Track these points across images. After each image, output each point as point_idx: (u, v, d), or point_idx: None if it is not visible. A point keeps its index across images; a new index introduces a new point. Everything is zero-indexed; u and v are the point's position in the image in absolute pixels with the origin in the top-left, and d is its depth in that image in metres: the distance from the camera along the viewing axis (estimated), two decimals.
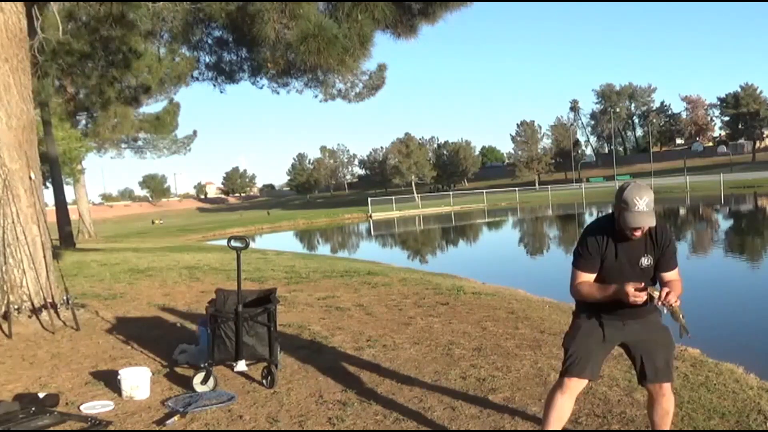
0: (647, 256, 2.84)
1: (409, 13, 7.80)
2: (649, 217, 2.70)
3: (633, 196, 2.70)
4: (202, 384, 4.31)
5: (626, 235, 2.78)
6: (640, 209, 2.68)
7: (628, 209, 2.70)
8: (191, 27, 9.03)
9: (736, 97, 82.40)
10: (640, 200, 2.68)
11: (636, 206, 2.68)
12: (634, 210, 2.69)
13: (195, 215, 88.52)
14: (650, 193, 2.74)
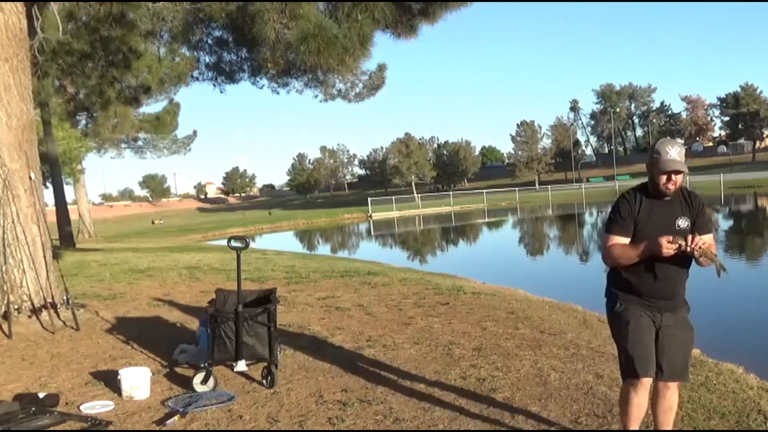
0: (683, 217, 2.87)
1: (409, 13, 7.80)
2: (680, 164, 2.79)
3: (665, 146, 2.83)
4: (202, 384, 4.31)
5: (661, 191, 2.84)
6: (671, 156, 2.79)
7: (660, 157, 2.81)
8: (191, 27, 9.04)
9: (736, 97, 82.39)
10: (672, 149, 2.81)
11: (668, 154, 2.80)
12: (665, 157, 2.79)
13: (195, 215, 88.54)
14: (681, 146, 2.87)
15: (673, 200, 2.89)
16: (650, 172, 2.89)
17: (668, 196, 2.87)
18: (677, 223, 2.85)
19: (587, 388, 4.16)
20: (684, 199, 2.92)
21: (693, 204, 2.92)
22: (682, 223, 2.86)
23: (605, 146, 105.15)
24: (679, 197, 2.92)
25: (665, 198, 2.88)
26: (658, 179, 2.84)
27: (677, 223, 2.85)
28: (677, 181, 2.84)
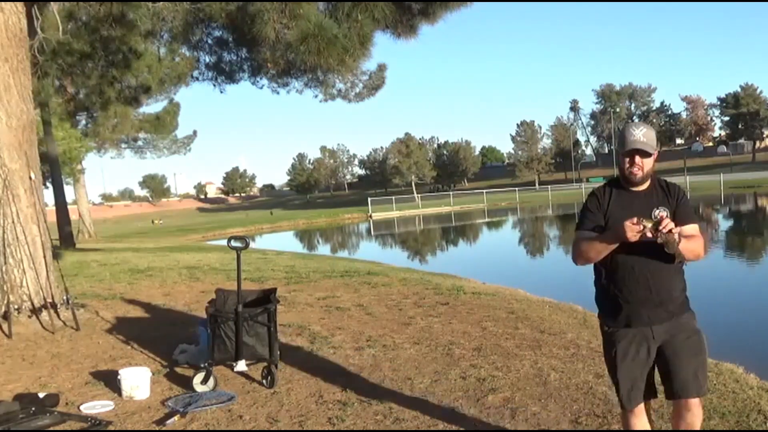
0: (661, 208, 2.63)
1: (409, 13, 7.80)
2: (645, 144, 2.57)
3: (629, 128, 2.63)
4: (202, 384, 4.31)
5: (627, 177, 2.64)
6: (635, 137, 2.58)
7: (624, 138, 2.61)
8: (191, 27, 9.03)
9: (736, 97, 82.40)
10: (637, 129, 2.60)
11: (632, 135, 2.58)
12: (629, 138, 2.59)
13: (195, 215, 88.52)
14: (650, 128, 2.66)
15: (648, 191, 2.67)
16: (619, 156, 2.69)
17: (636, 183, 2.64)
18: (654, 214, 2.58)
19: (587, 388, 4.15)
20: (662, 189, 2.70)
21: (671, 193, 2.68)
22: (661, 211, 2.60)
23: (605, 146, 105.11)
24: (656, 187, 2.70)
25: (638, 188, 2.66)
26: (622, 163, 2.64)
27: (654, 214, 2.58)
28: (643, 165, 2.60)
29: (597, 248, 2.61)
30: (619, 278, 2.65)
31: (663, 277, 2.63)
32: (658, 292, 2.62)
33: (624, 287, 2.64)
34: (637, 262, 2.61)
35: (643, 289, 2.61)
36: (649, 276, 2.61)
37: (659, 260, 2.58)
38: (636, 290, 2.62)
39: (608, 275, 2.69)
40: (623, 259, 2.63)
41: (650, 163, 2.62)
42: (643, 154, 2.58)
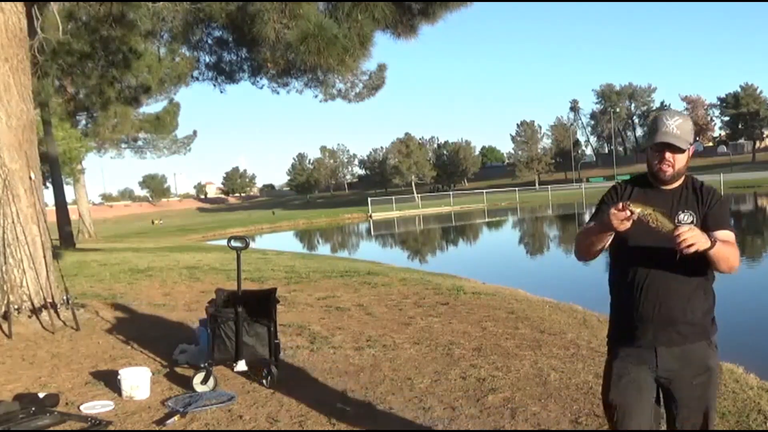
0: (688, 212, 2.26)
1: (409, 13, 7.80)
2: (678, 139, 2.22)
3: (662, 117, 2.29)
4: (202, 384, 4.31)
5: (655, 174, 2.30)
6: (668, 128, 2.24)
7: (655, 129, 2.28)
8: (191, 27, 9.03)
9: (736, 97, 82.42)
10: (670, 120, 2.26)
11: (664, 125, 2.25)
12: (661, 129, 2.25)
13: (195, 215, 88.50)
14: (686, 119, 2.30)
15: (677, 191, 2.31)
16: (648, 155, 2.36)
17: (665, 181, 2.30)
18: (677, 217, 2.23)
19: (587, 388, 4.15)
20: (693, 191, 2.33)
21: (703, 195, 2.31)
22: (685, 218, 2.24)
23: (605, 146, 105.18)
24: (687, 188, 2.33)
25: (667, 187, 2.32)
26: (650, 158, 2.32)
27: (677, 218, 2.22)
28: (674, 162, 2.26)
29: (590, 238, 2.32)
30: (627, 288, 2.32)
31: (679, 292, 2.26)
32: (670, 309, 2.25)
33: (631, 299, 2.30)
34: (652, 271, 2.27)
35: (651, 303, 2.26)
36: (660, 289, 2.26)
37: (680, 272, 2.22)
38: (643, 304, 2.27)
39: (617, 283, 2.39)
40: (635, 267, 2.30)
41: (683, 159, 2.28)
42: (674, 150, 2.25)
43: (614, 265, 2.40)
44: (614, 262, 2.40)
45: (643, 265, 2.28)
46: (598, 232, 2.26)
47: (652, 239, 2.20)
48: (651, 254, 2.24)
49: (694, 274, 2.26)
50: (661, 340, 2.27)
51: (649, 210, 2.08)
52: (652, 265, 2.26)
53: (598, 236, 2.28)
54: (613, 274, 2.41)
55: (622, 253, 2.33)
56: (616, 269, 2.39)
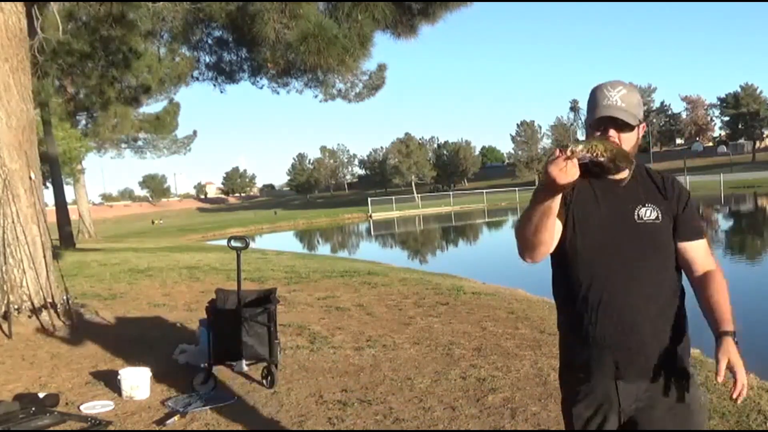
0: (649, 206, 1.83)
1: (409, 13, 7.80)
2: (623, 112, 1.79)
3: (603, 87, 1.84)
4: (202, 384, 4.31)
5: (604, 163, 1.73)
6: (610, 101, 1.81)
7: (595, 103, 1.84)
8: (191, 27, 9.03)
9: (736, 97, 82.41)
10: (612, 90, 1.83)
11: (605, 98, 1.81)
12: (601, 102, 1.82)
13: (195, 215, 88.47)
14: (631, 89, 1.86)
15: (632, 183, 1.85)
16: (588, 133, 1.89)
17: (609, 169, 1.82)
18: (638, 212, 1.82)
19: None
20: (652, 181, 1.90)
21: (667, 189, 1.88)
22: (647, 213, 1.82)
23: None
24: (643, 178, 1.90)
25: (615, 177, 1.84)
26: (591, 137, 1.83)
27: (638, 213, 1.82)
28: (621, 143, 1.80)
29: (530, 222, 1.72)
30: (577, 302, 1.81)
31: (648, 304, 1.77)
32: (635, 327, 1.76)
33: (583, 314, 1.80)
34: (611, 277, 1.78)
35: (611, 321, 1.77)
36: (623, 302, 1.76)
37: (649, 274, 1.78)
38: (600, 321, 1.78)
39: (564, 296, 1.88)
40: (588, 272, 1.80)
41: (631, 139, 1.83)
42: (620, 126, 1.80)
43: (559, 271, 1.89)
44: (559, 267, 1.88)
45: (598, 269, 1.79)
46: (539, 203, 1.67)
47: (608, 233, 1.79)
48: (609, 252, 1.79)
49: (666, 271, 1.83)
50: (624, 372, 1.78)
51: (595, 142, 1.67)
52: (611, 268, 1.78)
53: (541, 213, 1.68)
54: (559, 283, 1.90)
55: (570, 255, 1.82)
56: (562, 277, 1.88)
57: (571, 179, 1.59)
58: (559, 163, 1.58)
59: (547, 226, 1.71)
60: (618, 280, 1.78)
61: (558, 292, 1.93)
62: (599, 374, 1.81)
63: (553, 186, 1.60)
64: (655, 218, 1.83)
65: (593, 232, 1.81)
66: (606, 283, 1.79)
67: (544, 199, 1.67)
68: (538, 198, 1.68)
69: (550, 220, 1.70)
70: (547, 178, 1.61)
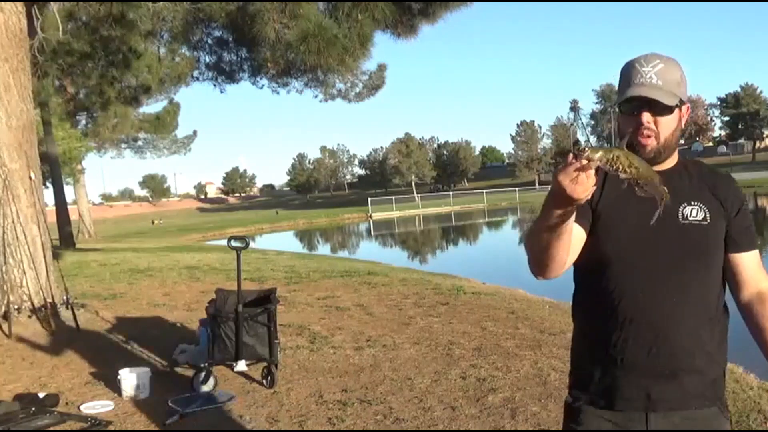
0: (696, 204, 1.52)
1: (409, 13, 7.80)
2: (659, 91, 1.47)
3: (636, 63, 1.54)
4: (202, 384, 4.31)
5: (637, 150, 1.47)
6: (644, 79, 1.49)
7: (628, 81, 1.53)
8: (191, 27, 9.03)
9: (736, 97, 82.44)
10: (647, 65, 1.51)
11: (639, 74, 1.50)
12: (634, 80, 1.51)
13: (195, 215, 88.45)
14: (670, 63, 1.54)
15: (670, 175, 1.50)
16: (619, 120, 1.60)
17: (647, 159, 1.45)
18: (682, 211, 1.51)
19: None
20: (698, 176, 1.59)
21: (718, 186, 1.57)
22: (694, 213, 1.51)
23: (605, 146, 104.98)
24: (690, 170, 1.60)
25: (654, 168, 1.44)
26: (622, 127, 1.55)
27: (682, 212, 1.51)
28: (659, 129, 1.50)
29: (539, 236, 1.42)
30: (604, 316, 1.54)
31: (687, 323, 1.50)
32: (673, 352, 1.49)
33: (610, 334, 1.53)
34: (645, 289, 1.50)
35: (644, 341, 1.50)
36: (659, 319, 1.49)
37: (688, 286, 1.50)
38: (631, 342, 1.51)
39: (587, 309, 1.62)
40: (618, 282, 1.52)
41: (671, 124, 1.51)
42: (657, 109, 1.48)
43: (584, 281, 1.63)
44: (584, 277, 1.62)
45: (632, 280, 1.51)
46: (548, 219, 1.36)
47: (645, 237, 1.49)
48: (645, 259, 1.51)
49: (712, 284, 1.54)
50: (657, 402, 1.50)
51: (617, 152, 1.29)
52: (648, 279, 1.50)
53: (551, 231, 1.38)
54: (583, 294, 1.64)
55: (597, 264, 1.55)
56: (586, 288, 1.62)
57: (586, 193, 1.27)
58: (570, 173, 1.26)
59: (559, 245, 1.42)
60: (655, 293, 1.49)
61: (581, 303, 1.65)
62: (627, 403, 1.52)
63: (564, 200, 1.29)
64: (703, 219, 1.52)
65: (626, 235, 1.52)
66: (641, 296, 1.50)
67: (554, 214, 1.35)
68: (547, 213, 1.36)
69: (564, 238, 1.41)
70: (556, 189, 1.28)
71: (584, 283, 1.64)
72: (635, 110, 1.51)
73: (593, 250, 1.55)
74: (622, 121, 1.55)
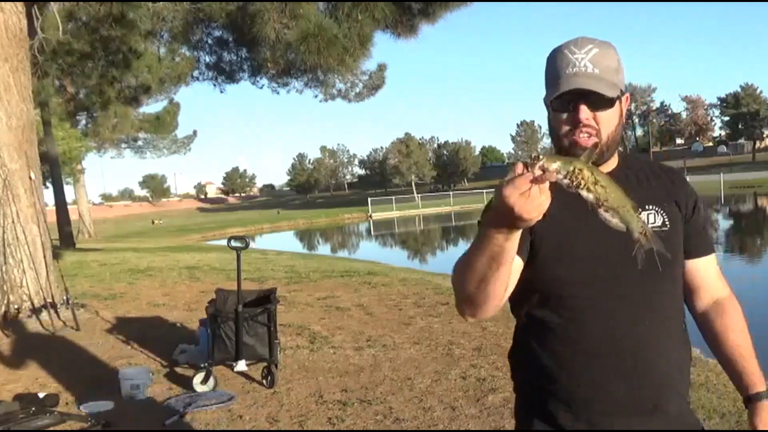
0: (652, 209, 1.34)
1: (409, 13, 7.81)
2: (596, 80, 1.25)
3: (564, 50, 1.29)
4: (202, 384, 4.31)
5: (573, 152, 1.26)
6: (578, 68, 1.26)
7: (558, 71, 1.28)
8: (191, 27, 9.05)
9: (736, 97, 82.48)
10: (579, 51, 1.27)
11: (571, 65, 1.27)
12: (564, 70, 1.27)
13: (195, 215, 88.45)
14: (604, 47, 1.29)
15: (618, 176, 1.25)
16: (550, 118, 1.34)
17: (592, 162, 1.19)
18: None
19: None
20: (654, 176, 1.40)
21: (670, 185, 1.40)
22: (651, 219, 1.33)
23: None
24: (639, 170, 1.40)
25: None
26: (555, 125, 1.31)
27: None
28: (600, 125, 1.27)
29: (473, 267, 1.16)
30: (566, 352, 1.31)
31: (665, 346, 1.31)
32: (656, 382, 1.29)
33: (579, 372, 1.30)
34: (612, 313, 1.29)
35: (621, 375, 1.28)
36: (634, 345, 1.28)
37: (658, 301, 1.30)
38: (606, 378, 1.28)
39: (543, 344, 1.34)
40: (577, 309, 1.30)
41: (613, 119, 1.30)
42: (597, 102, 1.26)
43: (530, 315, 1.36)
44: (529, 309, 1.35)
45: (593, 306, 1.29)
46: (488, 244, 1.10)
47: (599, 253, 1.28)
48: (601, 280, 1.29)
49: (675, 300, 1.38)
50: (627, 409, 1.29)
51: (579, 165, 1.05)
52: (606, 300, 1.28)
53: (491, 259, 1.12)
54: (530, 331, 1.37)
55: (543, 293, 1.32)
56: (537, 323, 1.34)
57: (539, 212, 1.02)
58: (520, 186, 1.00)
59: (500, 277, 1.15)
60: (626, 318, 1.29)
61: (529, 342, 1.36)
62: None
63: (510, 220, 1.03)
64: (662, 224, 1.33)
65: (580, 254, 1.29)
66: (611, 323, 1.28)
67: (495, 240, 1.09)
68: (486, 238, 1.10)
69: (505, 269, 1.14)
70: (502, 207, 1.02)
71: (533, 317, 1.35)
72: (570, 105, 1.28)
73: (540, 277, 1.29)
74: (554, 120, 1.31)
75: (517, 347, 1.42)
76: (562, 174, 1.04)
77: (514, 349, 1.44)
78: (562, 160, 1.04)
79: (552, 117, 1.33)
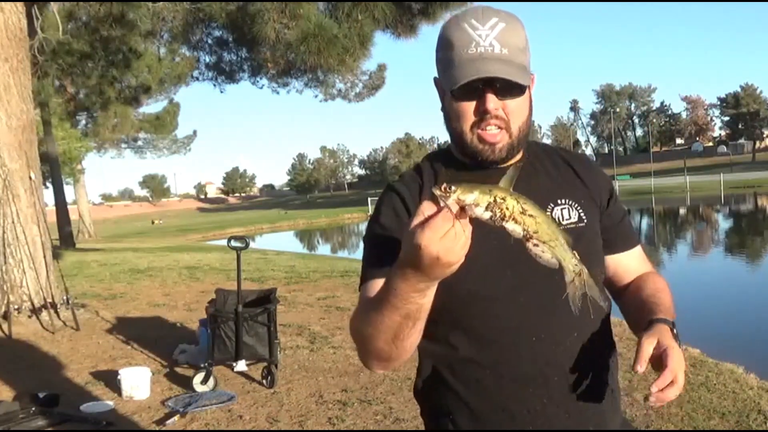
0: (565, 203, 1.16)
1: (409, 13, 7.81)
2: (504, 63, 1.05)
3: (463, 22, 1.08)
4: (202, 384, 4.31)
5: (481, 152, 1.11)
6: (483, 48, 1.05)
7: (460, 52, 1.07)
8: (191, 27, 9.05)
9: (736, 97, 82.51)
10: (482, 26, 1.06)
11: (475, 42, 1.06)
12: (466, 50, 1.06)
13: (195, 215, 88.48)
14: (511, 20, 1.09)
15: (532, 169, 1.18)
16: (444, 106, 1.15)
17: (494, 158, 1.11)
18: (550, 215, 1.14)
19: None
20: (555, 163, 1.22)
21: (582, 173, 1.22)
22: (565, 214, 1.15)
23: (605, 146, 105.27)
24: (546, 160, 1.22)
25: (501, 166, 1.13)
26: (453, 116, 1.12)
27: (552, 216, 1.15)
28: (509, 117, 1.10)
29: (378, 321, 0.98)
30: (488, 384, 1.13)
31: (598, 362, 1.16)
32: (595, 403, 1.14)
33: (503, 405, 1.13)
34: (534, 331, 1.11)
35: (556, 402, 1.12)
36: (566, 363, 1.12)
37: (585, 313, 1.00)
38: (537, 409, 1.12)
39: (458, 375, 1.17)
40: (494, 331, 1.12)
41: (523, 108, 1.12)
42: (507, 89, 1.07)
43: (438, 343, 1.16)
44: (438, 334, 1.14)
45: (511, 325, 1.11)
46: (404, 301, 0.93)
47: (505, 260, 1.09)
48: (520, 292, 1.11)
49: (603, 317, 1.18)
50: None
51: (500, 193, 0.89)
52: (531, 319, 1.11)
53: (407, 317, 0.95)
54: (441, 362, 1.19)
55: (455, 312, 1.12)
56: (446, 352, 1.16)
57: (464, 252, 0.86)
58: (439, 227, 0.83)
59: (416, 329, 0.98)
60: (551, 334, 1.10)
61: (440, 375, 1.19)
62: None
63: (434, 270, 0.86)
64: (578, 220, 1.16)
65: (488, 263, 1.09)
66: (535, 343, 1.10)
67: (413, 297, 0.92)
68: (400, 297, 0.92)
69: (422, 321, 0.98)
70: (422, 258, 0.85)
71: (442, 346, 1.15)
72: (475, 93, 1.07)
73: (443, 297, 0.99)
74: (453, 110, 1.10)
75: (430, 383, 1.22)
76: (483, 206, 0.87)
77: (425, 385, 1.24)
78: (480, 188, 0.87)
79: (449, 106, 1.11)
